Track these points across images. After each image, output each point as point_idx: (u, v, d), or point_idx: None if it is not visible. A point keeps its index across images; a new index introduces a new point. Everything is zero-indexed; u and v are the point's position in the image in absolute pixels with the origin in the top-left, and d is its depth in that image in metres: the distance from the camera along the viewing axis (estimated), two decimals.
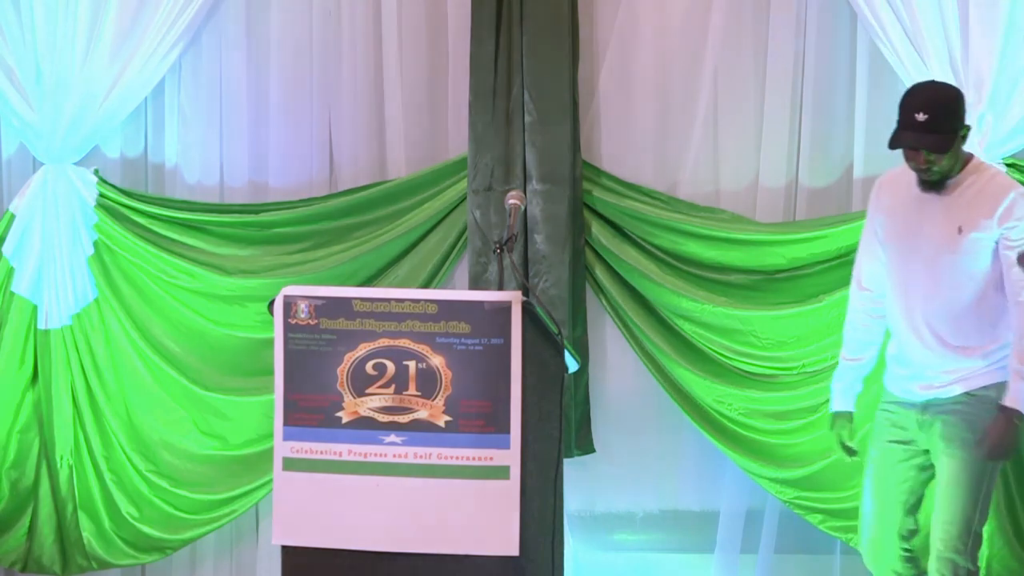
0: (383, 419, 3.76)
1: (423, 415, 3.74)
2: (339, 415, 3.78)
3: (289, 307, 3.80)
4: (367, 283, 5.11)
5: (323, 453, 3.79)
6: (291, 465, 3.82)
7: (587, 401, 5.03)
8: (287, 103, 5.29)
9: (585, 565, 5.07)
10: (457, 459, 3.73)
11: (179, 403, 5.21)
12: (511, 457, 3.70)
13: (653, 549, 5.07)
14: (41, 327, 5.20)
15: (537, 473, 3.81)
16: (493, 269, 4.92)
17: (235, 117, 5.32)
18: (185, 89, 5.34)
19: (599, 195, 5.01)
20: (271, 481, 3.88)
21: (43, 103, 5.18)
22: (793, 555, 5.00)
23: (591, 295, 5.04)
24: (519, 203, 4.09)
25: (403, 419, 3.75)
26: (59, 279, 5.19)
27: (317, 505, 3.80)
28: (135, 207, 5.22)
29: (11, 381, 5.22)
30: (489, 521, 3.71)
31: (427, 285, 5.05)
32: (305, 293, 3.81)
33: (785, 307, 4.82)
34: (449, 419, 3.73)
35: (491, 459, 3.71)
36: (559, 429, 3.92)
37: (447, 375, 3.72)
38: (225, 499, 5.16)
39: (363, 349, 3.77)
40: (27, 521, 5.24)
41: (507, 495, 3.69)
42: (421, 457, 3.75)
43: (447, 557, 3.73)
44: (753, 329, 4.82)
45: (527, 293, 3.77)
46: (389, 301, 3.76)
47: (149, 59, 5.18)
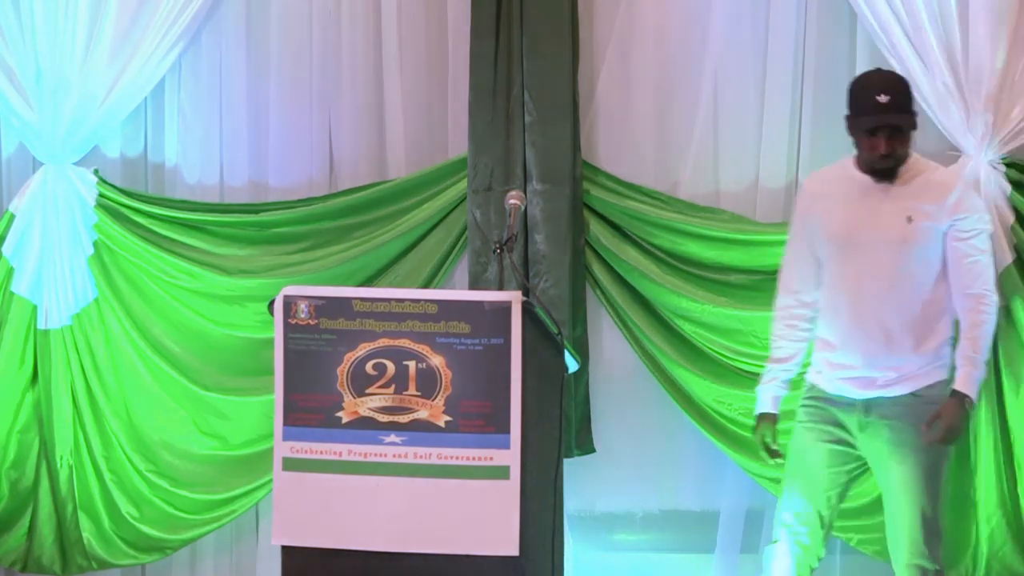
0: (383, 419, 3.76)
1: (423, 415, 3.74)
2: (339, 415, 3.78)
3: (289, 307, 3.80)
4: (367, 283, 5.11)
5: (323, 453, 3.79)
6: (291, 465, 3.81)
7: (587, 401, 5.03)
8: (287, 103, 5.28)
9: (585, 565, 5.07)
10: (457, 459, 3.73)
11: (179, 403, 5.21)
12: (511, 457, 3.70)
13: (653, 549, 5.06)
14: (41, 327, 5.20)
15: (537, 473, 3.80)
16: (493, 269, 4.92)
17: (235, 117, 5.32)
18: (185, 89, 5.34)
19: (599, 195, 5.01)
20: (271, 481, 3.88)
21: (43, 103, 5.18)
22: None
23: (591, 295, 5.04)
24: (519, 203, 4.08)
25: (403, 419, 3.75)
26: (59, 279, 5.19)
27: (317, 505, 3.79)
28: (135, 207, 5.22)
29: (11, 381, 5.22)
30: (489, 521, 3.70)
31: (427, 285, 5.05)
32: (305, 293, 3.81)
33: None
34: (449, 419, 3.73)
35: (491, 459, 3.71)
36: (559, 429, 3.92)
37: (447, 375, 3.72)
38: (225, 499, 5.16)
39: (363, 349, 3.76)
40: (27, 521, 5.24)
41: (507, 495, 3.69)
42: (421, 457, 3.74)
43: (447, 557, 3.73)
44: (753, 329, 4.80)
45: (527, 293, 3.76)
46: (389, 301, 3.76)
47: (149, 59, 5.18)
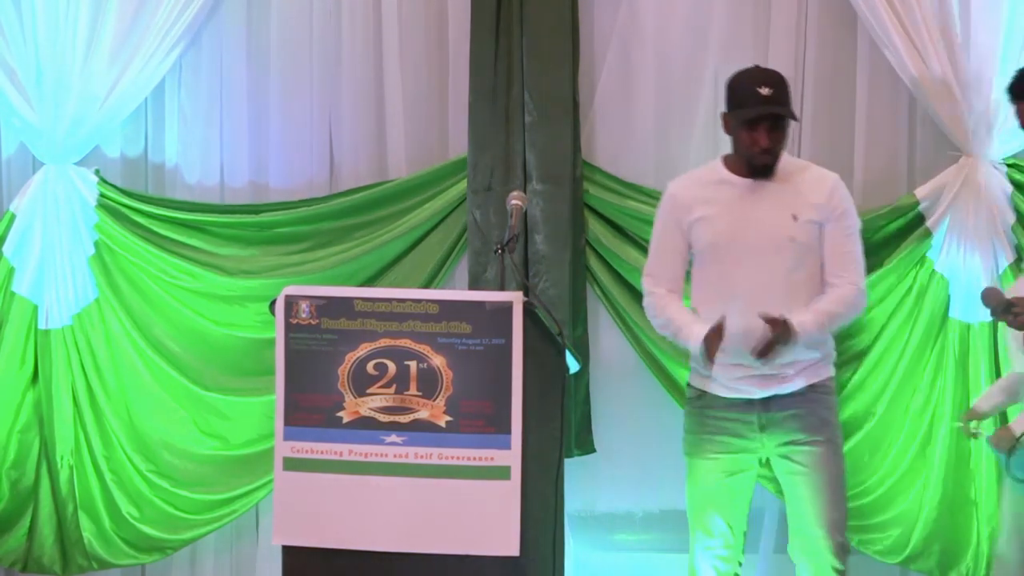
0: (384, 419, 3.76)
1: (424, 415, 3.74)
2: (340, 415, 3.78)
3: (290, 307, 3.80)
4: (368, 283, 5.11)
5: (324, 453, 3.79)
6: (292, 465, 3.81)
7: (587, 401, 5.03)
8: (288, 103, 5.29)
9: (585, 565, 5.07)
10: (458, 459, 3.72)
11: (180, 403, 5.21)
12: (512, 457, 3.69)
13: (653, 549, 5.07)
14: (42, 327, 5.20)
15: (538, 473, 3.80)
16: (493, 269, 4.92)
17: (235, 117, 5.32)
18: (186, 89, 5.34)
19: (599, 195, 5.01)
20: (271, 481, 3.88)
21: (44, 103, 5.19)
22: None
23: (591, 295, 5.04)
24: (521, 203, 4.08)
25: (404, 419, 3.75)
26: (60, 279, 5.19)
27: (318, 505, 3.79)
28: (136, 207, 5.22)
29: (12, 381, 5.22)
30: (489, 521, 3.70)
31: (428, 285, 5.05)
32: (306, 293, 3.81)
33: None
34: (450, 419, 3.73)
35: (492, 459, 3.70)
36: (560, 429, 3.91)
37: (448, 375, 3.72)
38: (225, 499, 5.17)
39: (364, 349, 3.76)
40: (27, 521, 5.24)
41: (507, 495, 3.69)
42: (422, 457, 3.74)
43: (447, 557, 3.73)
44: None
45: (528, 293, 3.76)
46: (390, 301, 3.76)
47: (150, 59, 5.18)
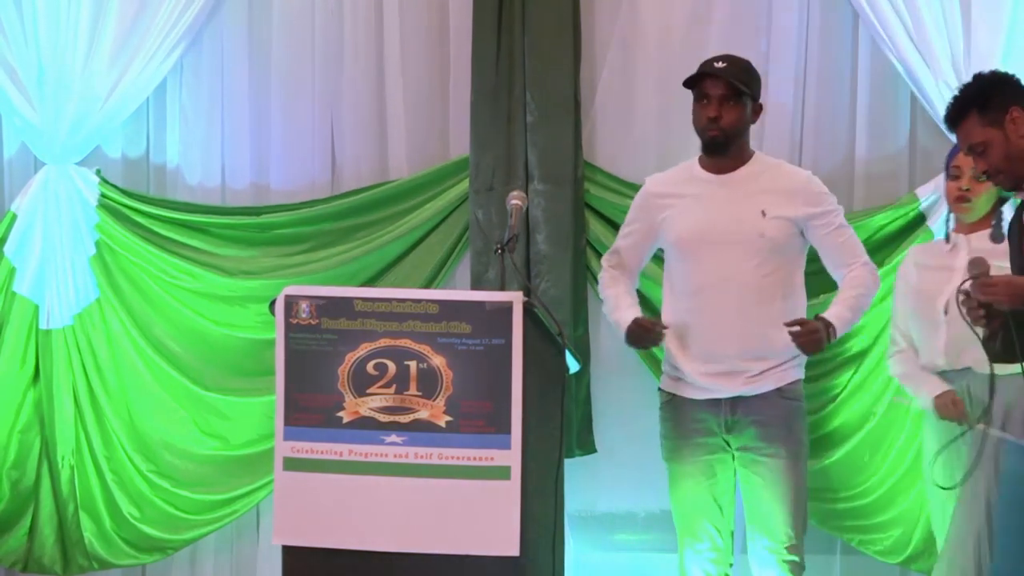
0: (384, 419, 3.75)
1: (424, 415, 3.73)
2: (340, 415, 3.78)
3: (290, 307, 3.79)
4: (368, 283, 5.11)
5: (324, 453, 3.78)
6: (292, 465, 3.81)
7: (588, 401, 5.03)
8: (289, 104, 5.29)
9: (585, 565, 5.06)
10: (458, 459, 3.72)
11: (180, 403, 5.21)
12: (512, 457, 3.69)
13: (654, 549, 5.05)
14: (43, 327, 5.20)
15: (538, 473, 3.80)
16: (494, 269, 4.91)
17: (237, 118, 5.32)
18: (187, 90, 5.34)
19: (600, 195, 5.01)
20: (272, 481, 3.87)
21: (45, 103, 5.19)
22: None
23: (592, 295, 5.04)
24: (520, 203, 4.07)
25: (404, 419, 3.75)
26: (61, 279, 5.19)
27: (318, 505, 3.79)
28: (137, 208, 5.22)
29: (12, 381, 5.22)
30: (489, 521, 3.70)
31: (428, 285, 5.05)
32: (306, 293, 3.80)
33: None
34: (450, 419, 3.72)
35: (492, 459, 3.70)
36: (560, 429, 3.91)
37: (448, 375, 3.72)
38: (226, 499, 5.16)
39: (364, 349, 3.76)
40: (28, 521, 5.24)
41: (508, 495, 3.68)
42: (422, 457, 3.74)
43: (448, 557, 3.72)
44: None
45: (528, 293, 3.76)
46: (390, 301, 3.75)
47: (151, 60, 5.18)
